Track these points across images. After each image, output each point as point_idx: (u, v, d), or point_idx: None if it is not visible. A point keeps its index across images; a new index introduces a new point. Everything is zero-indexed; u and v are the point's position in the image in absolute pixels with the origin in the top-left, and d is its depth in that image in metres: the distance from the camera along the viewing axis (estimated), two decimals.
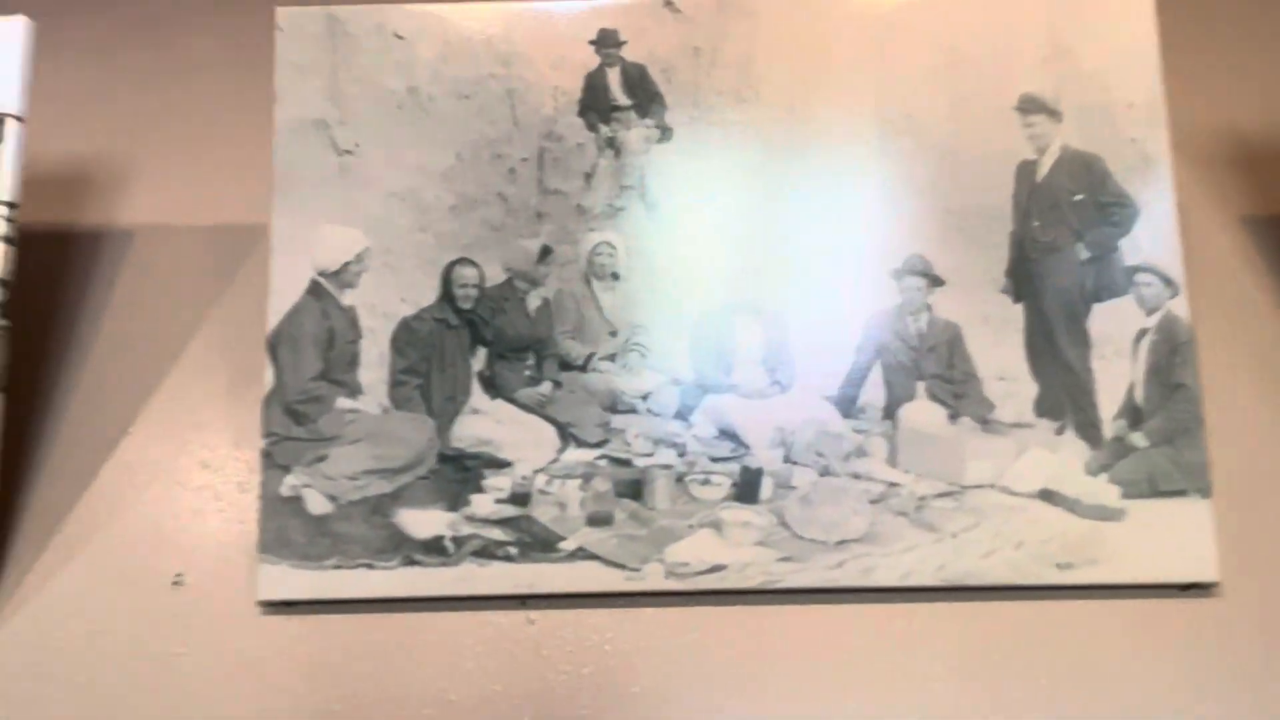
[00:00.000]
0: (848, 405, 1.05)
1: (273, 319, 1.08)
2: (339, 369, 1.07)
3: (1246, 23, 1.38)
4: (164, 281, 1.24)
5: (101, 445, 1.15)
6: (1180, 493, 1.02)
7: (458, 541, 1.03)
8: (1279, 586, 1.03)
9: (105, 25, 1.34)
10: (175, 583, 1.07)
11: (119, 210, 1.28)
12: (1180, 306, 1.06)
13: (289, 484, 1.04)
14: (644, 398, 1.06)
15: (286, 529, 1.03)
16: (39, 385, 1.18)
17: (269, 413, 1.06)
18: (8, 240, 1.09)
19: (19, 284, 1.10)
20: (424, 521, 1.03)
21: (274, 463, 1.05)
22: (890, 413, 1.05)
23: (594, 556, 1.02)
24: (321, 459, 1.05)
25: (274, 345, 1.07)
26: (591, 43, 1.12)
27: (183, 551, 1.09)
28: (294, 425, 1.06)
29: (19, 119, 1.11)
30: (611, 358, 1.08)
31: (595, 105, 1.11)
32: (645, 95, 1.11)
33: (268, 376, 1.07)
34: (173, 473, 1.14)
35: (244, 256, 1.24)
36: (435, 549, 1.02)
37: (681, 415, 1.06)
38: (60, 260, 1.24)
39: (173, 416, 1.17)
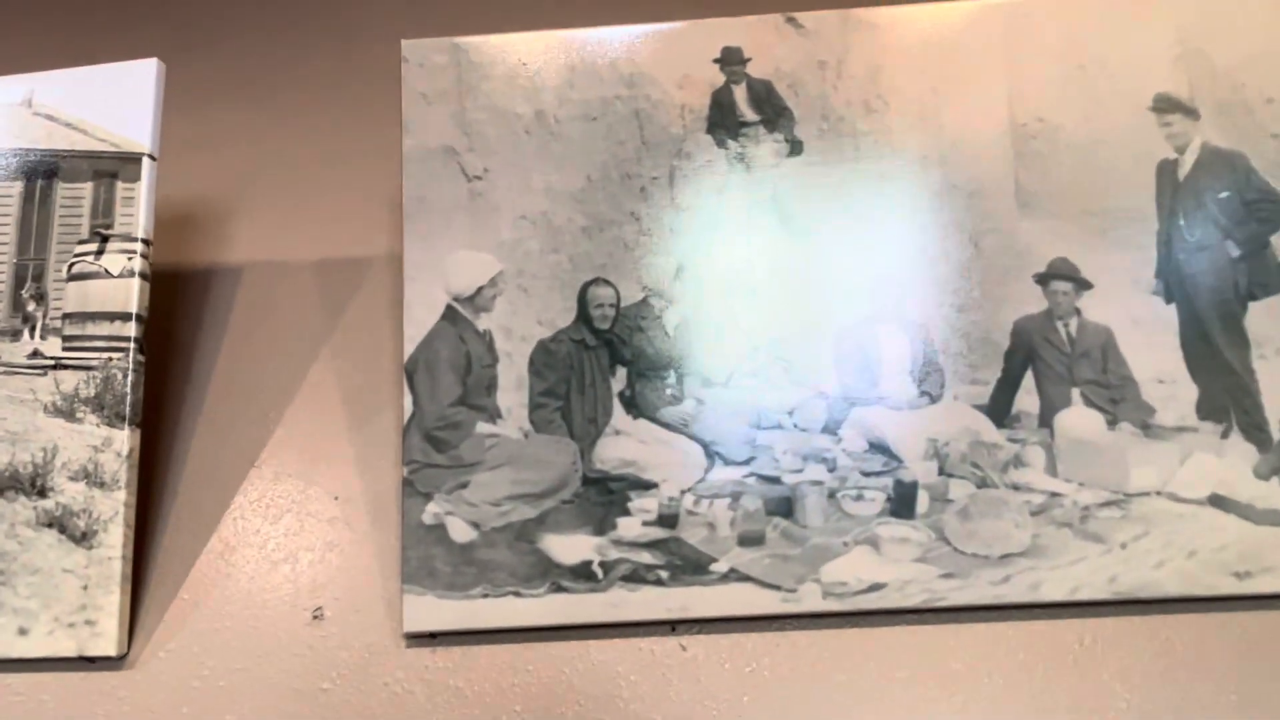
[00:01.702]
0: (1001, 414, 1.03)
1: (409, 346, 1.07)
2: (477, 394, 1.06)
3: None
4: (286, 314, 1.24)
5: (231, 480, 1.15)
6: None
7: (606, 566, 1.00)
8: None
9: (231, 65, 1.38)
10: (316, 617, 1.05)
11: (237, 247, 1.29)
12: None
13: (431, 512, 1.03)
14: (789, 413, 1.04)
15: (430, 558, 1.01)
16: (168, 420, 1.18)
17: (409, 440, 1.05)
18: (143, 276, 1.10)
19: (152, 320, 1.11)
20: (571, 546, 1.01)
21: (415, 491, 1.03)
22: (1046, 420, 1.02)
23: (747, 578, 0.99)
24: (463, 485, 1.03)
25: (411, 372, 1.06)
26: (715, 61, 1.12)
27: (320, 585, 1.07)
28: (434, 452, 1.04)
29: (153, 158, 1.12)
30: (754, 373, 1.06)
31: (723, 122, 1.11)
32: (773, 110, 1.11)
33: (406, 403, 1.06)
34: (303, 504, 1.13)
35: (366, 287, 1.25)
36: (584, 574, 1.00)
37: (829, 429, 1.03)
38: (187, 296, 1.25)
39: (300, 449, 1.16)
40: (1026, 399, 1.03)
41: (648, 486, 1.02)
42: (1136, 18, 1.11)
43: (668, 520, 1.01)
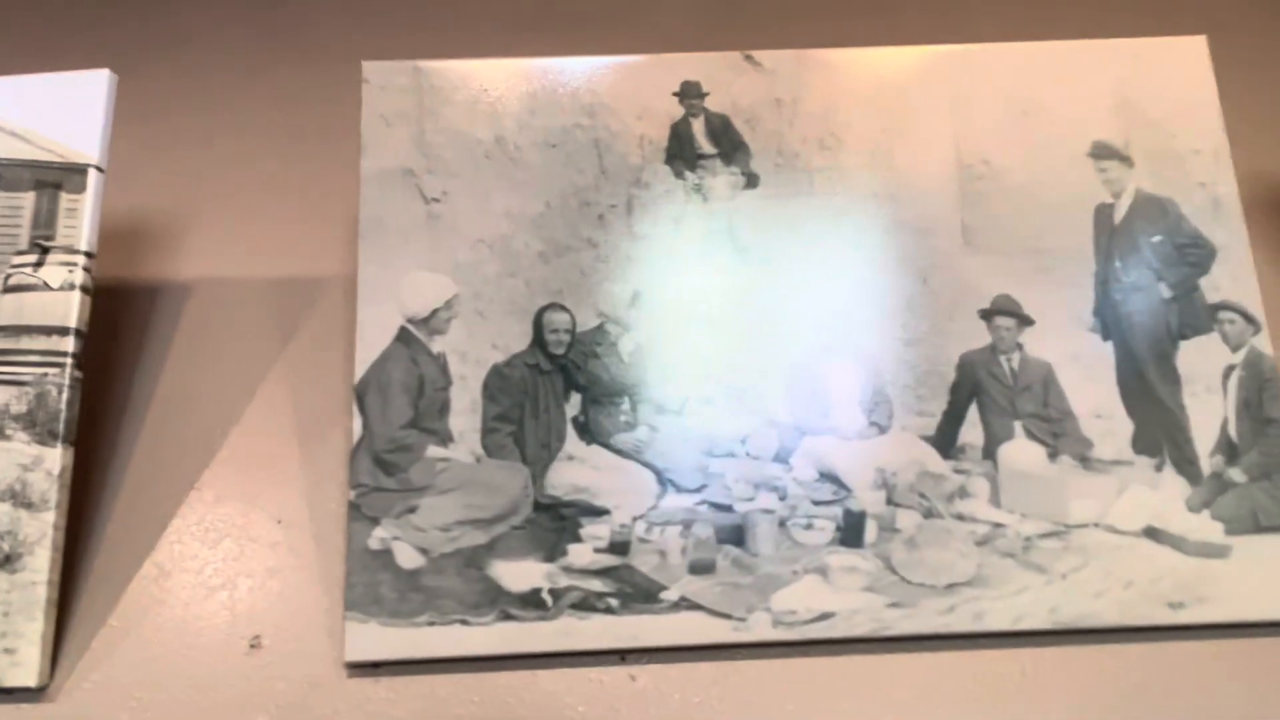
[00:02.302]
0: (947, 445, 1.05)
1: (360, 367, 1.05)
2: (429, 417, 1.04)
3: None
4: (235, 334, 1.21)
5: (170, 502, 1.11)
6: None
7: (555, 594, 0.99)
8: None
9: (186, 78, 1.36)
10: (253, 646, 1.02)
11: (187, 263, 1.27)
12: (1264, 343, 1.08)
13: (378, 537, 1.00)
14: (742, 441, 1.05)
15: (375, 585, 0.99)
16: (105, 440, 1.14)
17: (357, 463, 1.03)
18: (84, 290, 1.07)
19: (91, 336, 1.07)
20: (520, 574, 1.00)
21: (361, 515, 1.01)
22: (989, 452, 1.05)
23: (698, 606, 0.98)
24: (412, 510, 1.01)
25: (362, 394, 1.05)
26: (675, 94, 1.15)
27: (259, 612, 1.04)
28: (383, 475, 1.02)
29: (100, 169, 1.10)
30: (707, 401, 1.07)
31: (681, 154, 1.13)
32: (730, 144, 1.13)
33: (356, 426, 1.04)
34: (245, 529, 1.09)
35: (317, 307, 1.23)
36: (533, 602, 0.98)
37: (780, 458, 1.04)
38: (132, 313, 1.22)
39: (244, 471, 1.13)
40: (971, 431, 1.05)
41: (599, 513, 1.02)
42: (1077, 69, 1.16)
43: (619, 547, 1.01)
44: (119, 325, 1.22)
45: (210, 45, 1.43)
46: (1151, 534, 1.02)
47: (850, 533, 1.02)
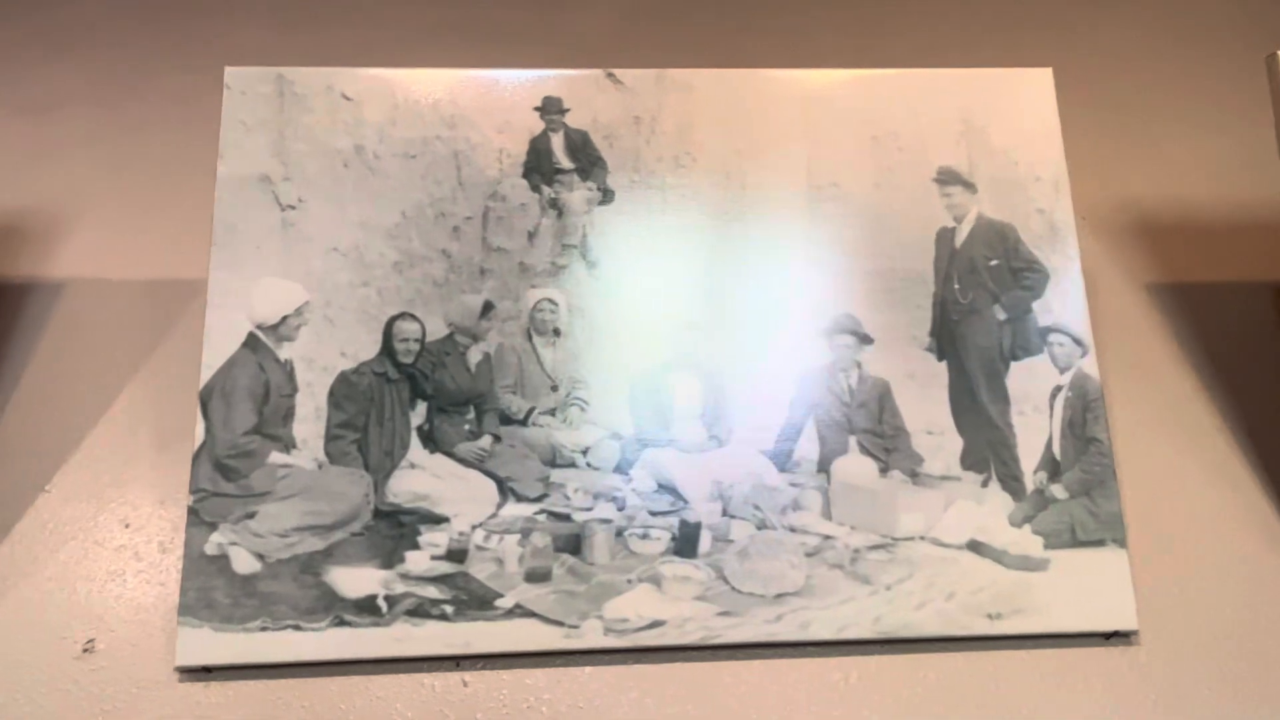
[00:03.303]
0: (783, 459, 1.08)
1: (206, 372, 1.06)
2: (273, 423, 1.05)
3: (1149, 103, 1.52)
4: (94, 336, 1.21)
5: (16, 503, 1.10)
6: (1099, 543, 1.07)
7: (391, 600, 1.00)
8: (1193, 633, 1.07)
9: (52, 81, 1.34)
10: (85, 649, 1.01)
11: (51, 263, 1.26)
12: (1090, 365, 1.13)
13: (215, 542, 1.01)
14: (584, 452, 1.07)
15: (209, 590, 0.99)
16: None
17: (198, 468, 1.03)
18: None
19: None
20: (356, 580, 1.00)
21: (200, 520, 1.01)
22: (824, 466, 1.08)
23: (532, 614, 1.00)
24: (251, 515, 1.02)
25: (206, 400, 1.05)
26: (536, 109, 1.17)
27: (96, 616, 1.03)
28: (223, 481, 1.03)
29: None
30: (552, 412, 1.08)
31: (539, 168, 1.15)
32: (587, 159, 1.16)
33: (198, 431, 1.04)
34: (91, 532, 1.09)
35: (178, 311, 1.22)
36: (368, 609, 0.99)
37: (621, 469, 1.07)
38: None
39: (95, 474, 1.13)
40: (807, 445, 1.09)
41: (439, 521, 1.03)
42: (927, 97, 1.21)
43: (457, 555, 1.02)
44: None
45: (78, 50, 1.41)
46: (975, 547, 1.06)
47: (685, 543, 1.04)
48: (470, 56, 1.26)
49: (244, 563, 1.00)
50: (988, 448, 1.10)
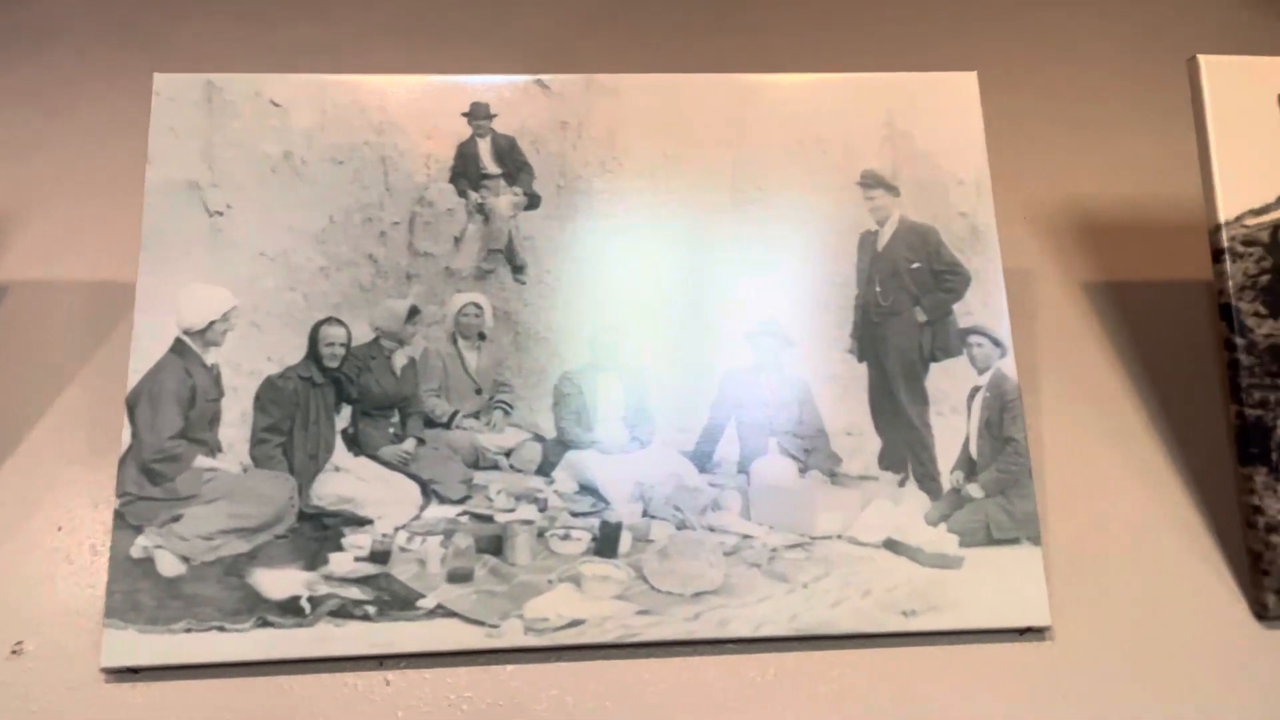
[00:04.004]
0: (704, 460, 1.10)
1: (133, 377, 1.07)
2: (199, 427, 1.06)
3: (1087, 103, 1.54)
4: (29, 339, 1.22)
5: None
6: (1013, 540, 1.09)
7: (314, 601, 1.02)
8: (1105, 629, 1.10)
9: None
10: (14, 651, 1.03)
11: None
12: (1009, 366, 1.15)
13: (140, 545, 1.02)
14: (507, 454, 1.09)
15: (135, 592, 1.01)
16: None
17: (124, 472, 1.04)
18: None
19: None
20: (280, 581, 1.02)
21: (126, 523, 1.03)
22: (744, 467, 1.10)
23: (453, 614, 1.02)
24: (176, 519, 1.03)
25: (133, 404, 1.06)
26: (464, 115, 1.18)
27: (26, 618, 1.05)
28: (149, 484, 1.04)
29: None
30: (476, 415, 1.10)
31: (466, 173, 1.16)
32: (514, 165, 1.17)
33: (125, 435, 1.06)
34: (24, 535, 1.11)
35: (115, 315, 1.24)
36: (291, 610, 1.01)
37: (543, 471, 1.08)
38: None
39: (29, 477, 1.14)
40: (728, 447, 1.10)
41: (362, 523, 1.05)
42: (852, 100, 1.22)
43: (379, 556, 1.04)
44: None
45: (11, 52, 1.42)
46: (891, 546, 1.08)
47: (606, 543, 1.06)
48: (401, 61, 1.27)
49: (169, 565, 1.02)
50: (906, 448, 1.12)
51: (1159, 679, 1.07)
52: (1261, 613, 1.09)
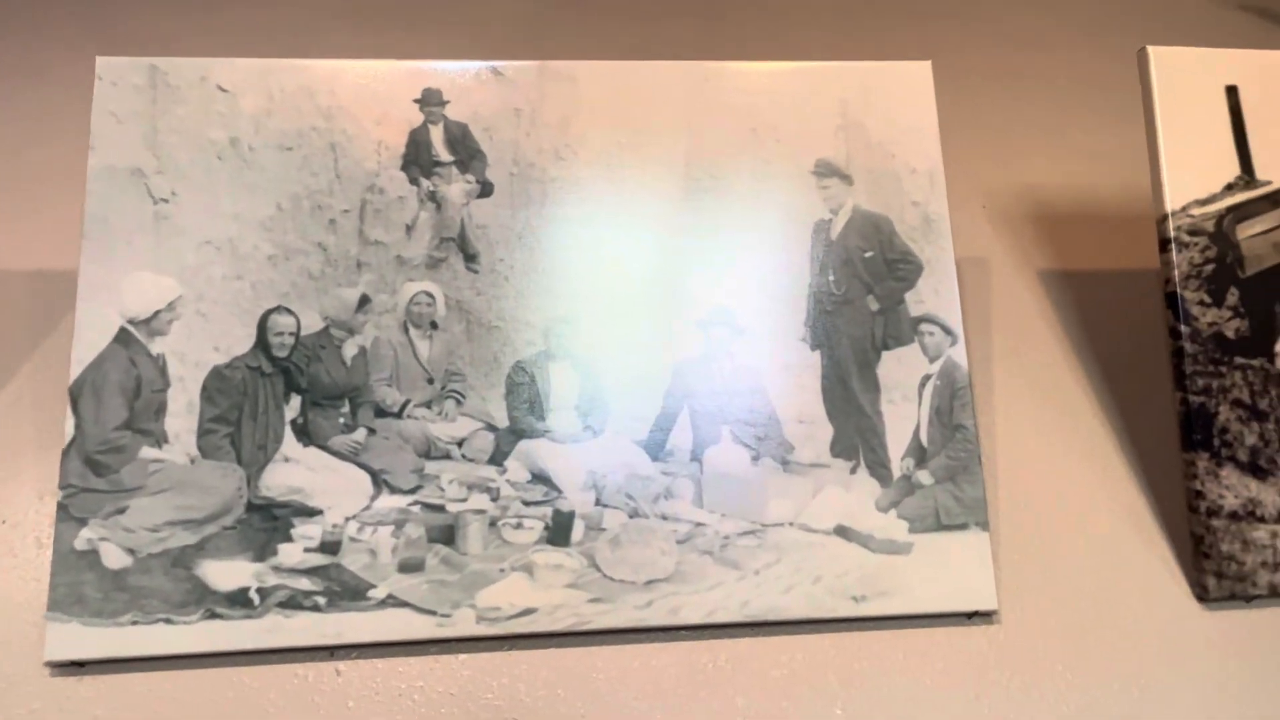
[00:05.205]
0: (656, 449, 1.10)
1: (76, 367, 1.05)
2: (145, 418, 1.05)
3: (1043, 93, 1.55)
4: None
5: None
6: (962, 526, 1.10)
7: (263, 593, 1.01)
8: (1051, 612, 1.12)
9: None
10: None
11: None
12: (959, 354, 1.16)
13: (84, 537, 1.01)
14: (459, 444, 1.08)
15: (79, 585, 0.99)
16: None
17: (67, 464, 1.03)
18: None
19: None
20: (228, 573, 1.01)
21: (69, 516, 1.01)
22: (697, 455, 1.10)
23: (404, 604, 1.02)
24: (121, 511, 1.02)
25: (76, 395, 1.04)
26: (416, 101, 1.16)
27: None
28: (93, 476, 1.03)
29: None
30: (428, 404, 1.09)
31: (418, 160, 1.15)
32: (467, 152, 1.16)
33: (68, 427, 1.04)
34: None
35: (60, 305, 1.21)
36: (239, 601, 1.00)
37: (495, 460, 1.08)
38: None
39: None
40: (681, 435, 1.11)
41: (312, 513, 1.04)
42: (806, 89, 1.22)
43: (330, 547, 1.03)
44: None
45: None
46: (842, 532, 1.09)
47: (558, 532, 1.06)
48: (352, 46, 1.25)
49: (114, 558, 1.01)
50: (857, 435, 1.13)
51: (1103, 660, 1.09)
52: (1203, 595, 1.12)
